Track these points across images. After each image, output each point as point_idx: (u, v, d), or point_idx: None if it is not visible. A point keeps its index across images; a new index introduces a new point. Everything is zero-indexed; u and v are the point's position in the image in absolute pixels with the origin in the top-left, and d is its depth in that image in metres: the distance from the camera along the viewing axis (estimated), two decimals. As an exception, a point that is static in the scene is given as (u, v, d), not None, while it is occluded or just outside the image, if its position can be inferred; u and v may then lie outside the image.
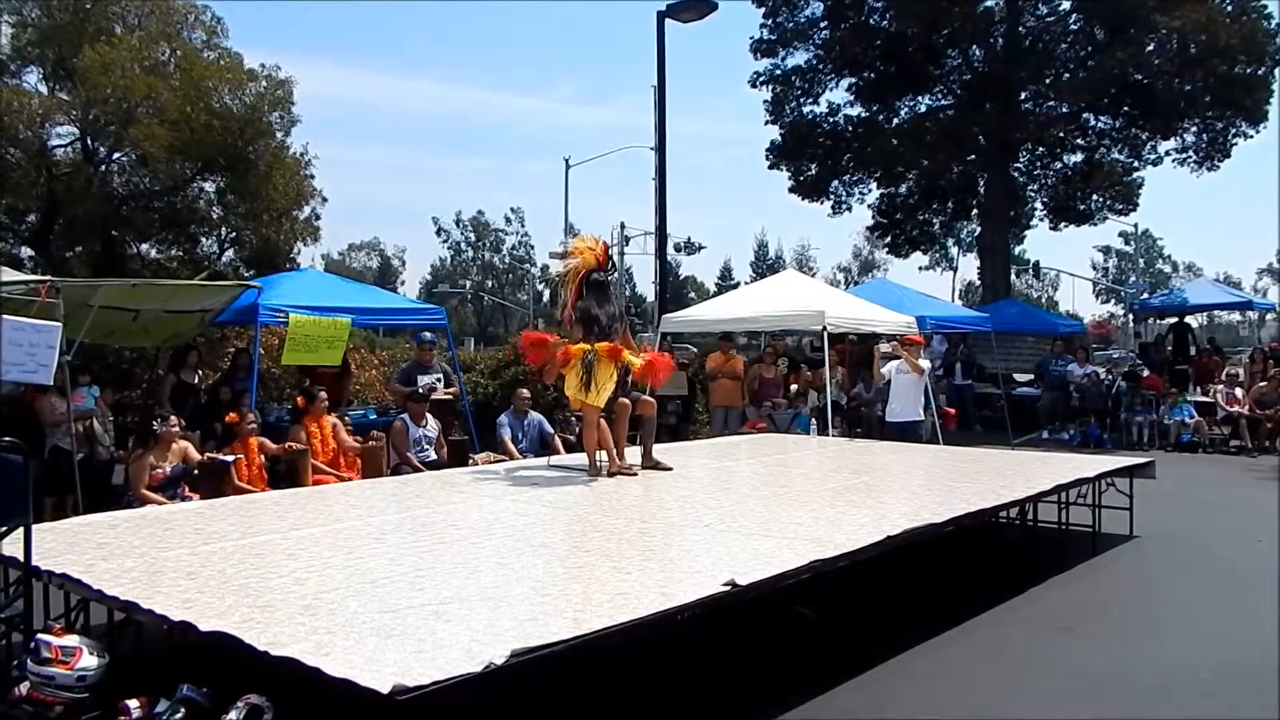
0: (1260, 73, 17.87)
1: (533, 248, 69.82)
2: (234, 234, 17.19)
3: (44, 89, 15.84)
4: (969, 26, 18.66)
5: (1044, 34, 19.60)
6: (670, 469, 6.76)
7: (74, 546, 4.22)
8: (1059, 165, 21.24)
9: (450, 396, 9.98)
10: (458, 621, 3.13)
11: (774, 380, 12.22)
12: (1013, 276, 27.68)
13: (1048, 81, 19.26)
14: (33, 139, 14.88)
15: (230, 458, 7.34)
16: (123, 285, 8.45)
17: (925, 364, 9.99)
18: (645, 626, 3.23)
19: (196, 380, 9.60)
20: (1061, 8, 19.62)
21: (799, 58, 20.69)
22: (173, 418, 7.17)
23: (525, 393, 9.31)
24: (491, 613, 3.26)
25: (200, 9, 16.32)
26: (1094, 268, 67.40)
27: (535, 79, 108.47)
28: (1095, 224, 22.76)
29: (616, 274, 7.04)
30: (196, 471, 7.14)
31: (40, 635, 3.28)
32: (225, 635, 2.95)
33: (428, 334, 9.97)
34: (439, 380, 9.35)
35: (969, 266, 46.60)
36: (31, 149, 14.93)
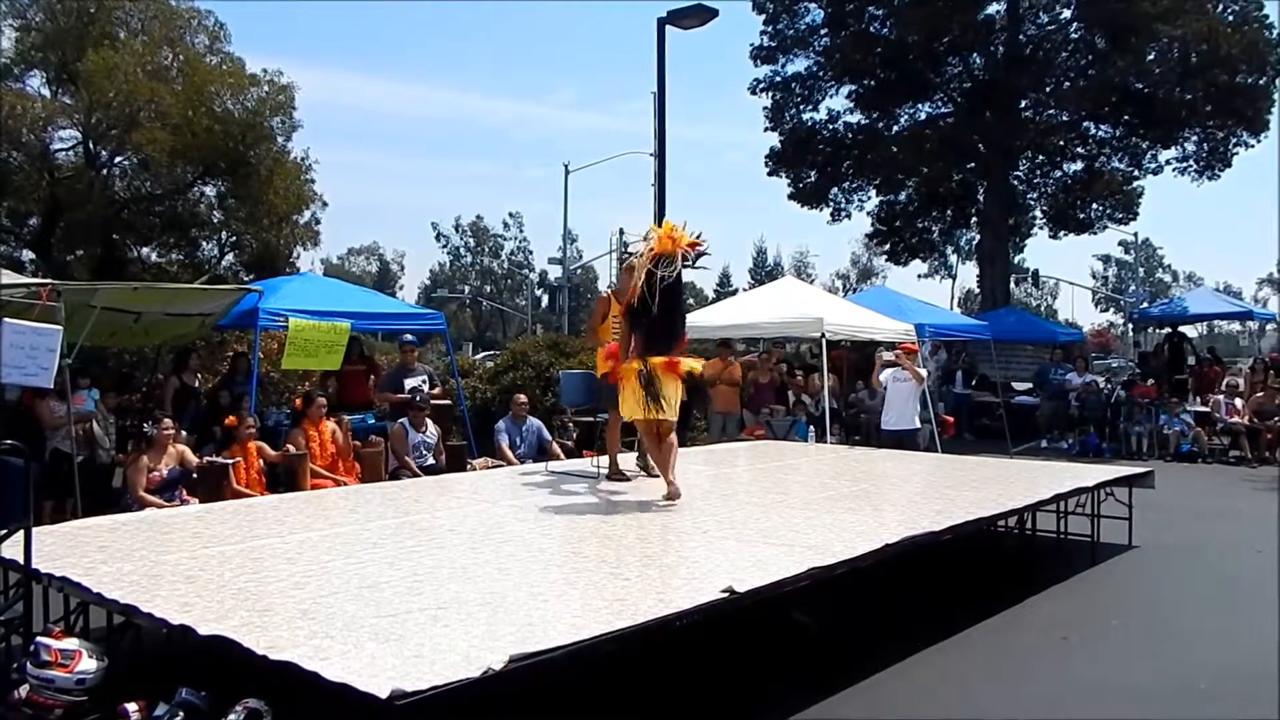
0: (1261, 82, 17.92)
1: (531, 253, 69.90)
2: (234, 238, 17.23)
3: (47, 93, 15.89)
4: (969, 34, 18.74)
5: (1045, 42, 19.66)
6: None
7: (74, 549, 4.22)
8: (1059, 173, 21.28)
9: (446, 401, 9.98)
10: (456, 627, 3.14)
11: (769, 386, 12.24)
12: (1012, 285, 27.69)
13: (1048, 89, 19.32)
14: (35, 142, 14.92)
15: (229, 460, 7.35)
16: (124, 288, 8.46)
17: (924, 372, 10.01)
18: (643, 633, 3.23)
19: (197, 384, 9.62)
20: (1062, 16, 19.70)
21: (799, 64, 20.80)
22: (166, 420, 7.19)
23: (522, 398, 9.33)
24: (490, 618, 3.27)
25: (203, 14, 16.38)
26: (1093, 276, 67.42)
27: (535, 84, 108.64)
28: (1095, 233, 22.79)
29: (687, 267, 5.89)
30: (195, 475, 7.15)
31: (40, 638, 3.29)
32: (224, 639, 2.95)
33: (409, 335, 9.98)
34: (424, 382, 9.35)
35: (968, 274, 46.63)
36: (34, 152, 14.96)
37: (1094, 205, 21.41)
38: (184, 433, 8.10)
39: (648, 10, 13.13)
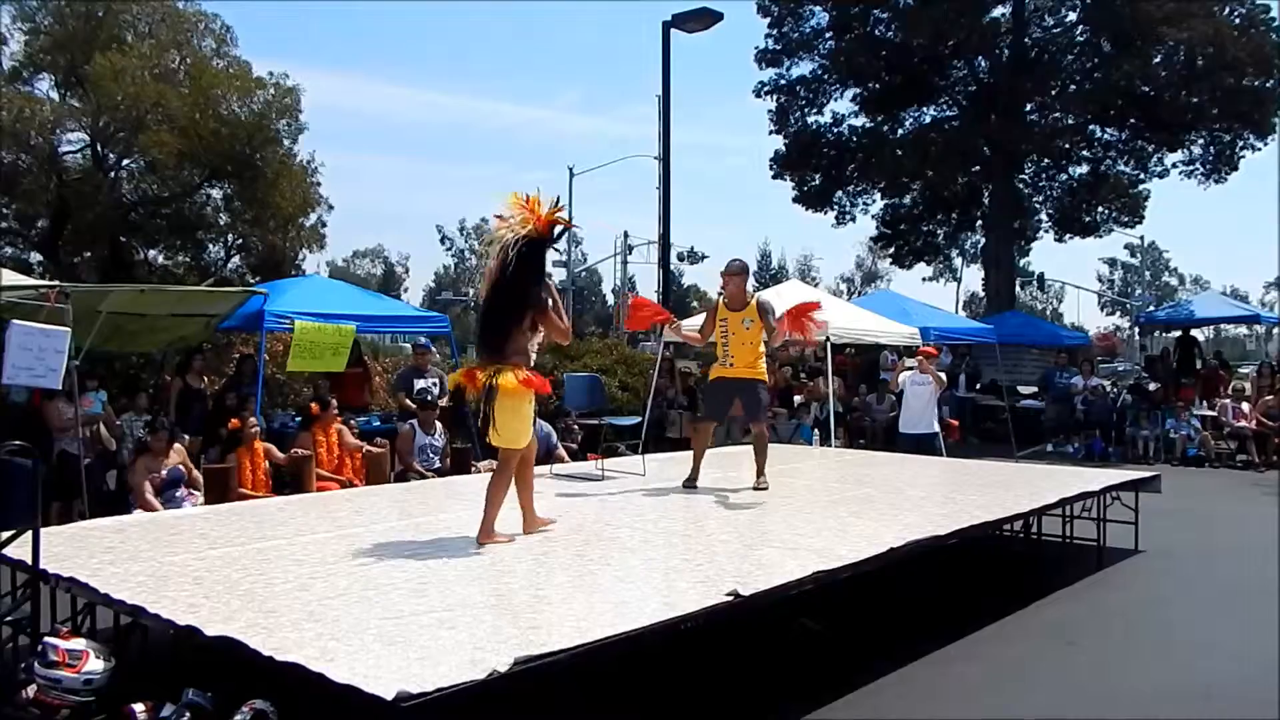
0: (1268, 85, 17.84)
1: (536, 256, 69.86)
2: (240, 240, 17.28)
3: (55, 96, 15.94)
4: (975, 37, 18.70)
5: (1050, 45, 19.63)
6: (766, 488, 6.34)
7: (81, 550, 4.25)
8: (1064, 177, 21.23)
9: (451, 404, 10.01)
10: (462, 629, 3.15)
11: (772, 390, 12.20)
12: (1017, 288, 27.65)
13: (1054, 93, 19.27)
14: (43, 145, 14.97)
15: (230, 465, 7.37)
16: (131, 291, 8.50)
17: (943, 376, 10.00)
18: (648, 636, 3.24)
19: (202, 385, 9.65)
20: (1068, 19, 19.68)
21: (804, 68, 20.77)
22: (160, 428, 7.24)
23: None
24: (495, 620, 3.28)
25: (210, 17, 16.43)
26: (1099, 280, 67.21)
27: (538, 87, 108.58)
28: (1101, 236, 22.77)
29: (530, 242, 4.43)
30: (199, 476, 7.19)
31: (47, 638, 3.30)
32: (231, 640, 2.97)
33: (423, 339, 10.05)
34: (435, 384, 9.40)
35: (973, 278, 46.59)
36: (42, 155, 15.01)
37: (1100, 208, 21.38)
38: (186, 437, 8.16)
39: (650, 12, 13.20)
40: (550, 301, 4.70)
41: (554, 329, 4.72)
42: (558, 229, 4.66)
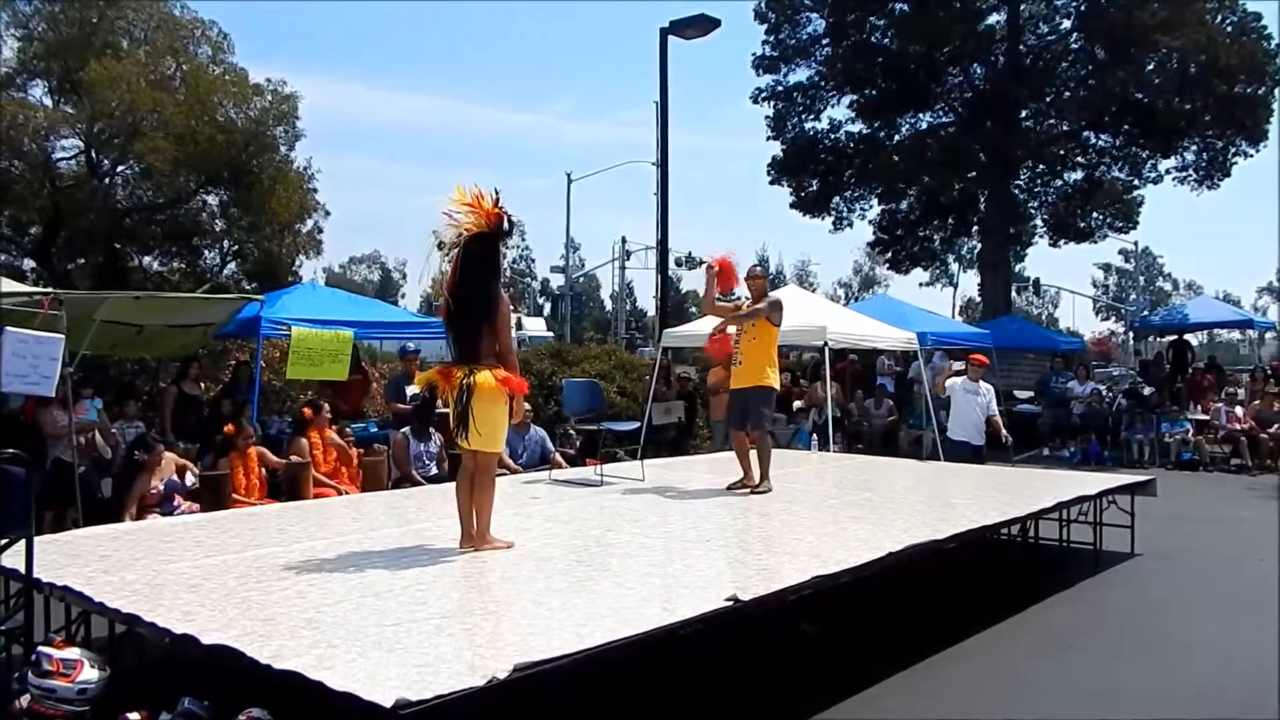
0: (1260, 92, 17.97)
1: (534, 262, 69.89)
2: (236, 247, 17.25)
3: (49, 102, 15.91)
4: (970, 45, 18.80)
5: (1045, 52, 19.74)
6: (766, 491, 6.40)
7: (75, 559, 4.22)
8: (1059, 183, 21.31)
9: (446, 409, 10.01)
10: (460, 635, 3.14)
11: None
12: (1013, 293, 27.71)
13: (1049, 100, 19.38)
14: (37, 151, 14.93)
15: (225, 471, 7.33)
16: (125, 298, 8.47)
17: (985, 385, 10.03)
18: (647, 641, 3.22)
19: (199, 392, 9.62)
20: (1062, 27, 19.79)
21: (801, 74, 20.85)
22: (159, 446, 7.19)
23: (526, 407, 9.32)
24: (494, 626, 3.27)
25: (207, 25, 16.42)
26: (1094, 285, 67.39)
27: (534, 93, 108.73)
28: (1095, 241, 22.84)
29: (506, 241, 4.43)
30: (196, 484, 7.15)
31: (41, 648, 3.28)
32: (227, 648, 2.95)
33: (410, 345, 10.06)
34: (426, 390, 9.38)
35: (969, 283, 46.62)
36: (36, 161, 14.97)
37: (1094, 214, 21.45)
38: (181, 445, 8.12)
39: (649, 15, 13.20)
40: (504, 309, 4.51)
41: (501, 342, 4.49)
42: (506, 222, 4.49)
